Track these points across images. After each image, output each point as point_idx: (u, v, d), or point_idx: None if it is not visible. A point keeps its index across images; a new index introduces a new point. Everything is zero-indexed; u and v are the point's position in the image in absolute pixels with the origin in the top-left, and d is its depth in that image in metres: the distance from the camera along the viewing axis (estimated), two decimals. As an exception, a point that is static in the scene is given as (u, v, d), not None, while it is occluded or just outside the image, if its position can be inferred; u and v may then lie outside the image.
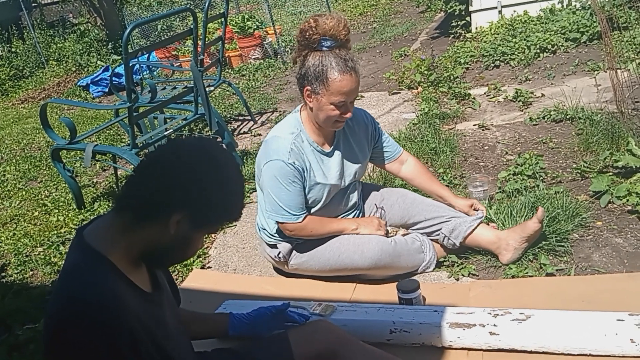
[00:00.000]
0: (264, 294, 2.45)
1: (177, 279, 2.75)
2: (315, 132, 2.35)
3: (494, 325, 1.89)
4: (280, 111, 5.50)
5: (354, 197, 2.52)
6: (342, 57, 2.17)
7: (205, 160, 1.31)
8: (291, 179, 2.26)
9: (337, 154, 2.41)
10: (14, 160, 5.51)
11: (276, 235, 2.43)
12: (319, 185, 2.34)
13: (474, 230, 2.40)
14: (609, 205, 2.66)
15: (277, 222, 2.34)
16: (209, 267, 2.87)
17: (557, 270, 2.29)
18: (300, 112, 2.38)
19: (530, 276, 2.27)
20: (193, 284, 2.66)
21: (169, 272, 1.66)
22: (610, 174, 2.83)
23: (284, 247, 2.44)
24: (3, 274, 3.20)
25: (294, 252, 2.44)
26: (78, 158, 4.56)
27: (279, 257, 2.47)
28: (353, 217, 2.52)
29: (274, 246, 2.47)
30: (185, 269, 2.83)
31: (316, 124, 2.31)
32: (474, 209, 2.50)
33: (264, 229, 2.47)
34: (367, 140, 2.51)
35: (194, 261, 2.87)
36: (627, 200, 2.60)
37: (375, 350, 1.72)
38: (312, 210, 2.38)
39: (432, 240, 2.49)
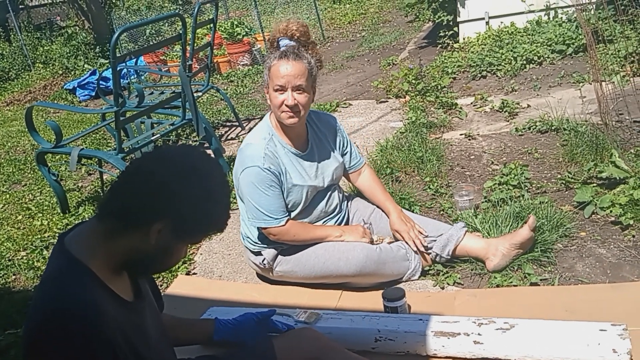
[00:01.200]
0: (250, 301, 2.44)
1: (162, 285, 2.73)
2: (287, 135, 2.38)
3: (479, 334, 1.90)
4: (268, 118, 5.49)
5: (335, 200, 2.53)
6: (287, 48, 2.28)
7: (189, 169, 1.30)
8: (268, 183, 2.28)
9: (313, 155, 2.44)
10: (-3, 163, 5.45)
11: (259, 242, 2.44)
12: (297, 187, 2.36)
13: (461, 240, 2.41)
14: (593, 215, 2.69)
15: (260, 228, 2.35)
16: (194, 274, 2.85)
17: (541, 280, 2.31)
18: (270, 116, 2.42)
19: (514, 286, 2.29)
20: (178, 290, 2.65)
21: (152, 278, 1.65)
22: (594, 185, 2.86)
23: (269, 253, 2.44)
24: (-15, 278, 3.16)
25: (279, 259, 2.44)
26: (63, 162, 4.53)
27: (264, 264, 2.47)
28: (337, 222, 2.53)
29: (258, 253, 2.47)
30: (170, 275, 2.81)
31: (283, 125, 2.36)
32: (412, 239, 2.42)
33: (248, 237, 2.47)
34: (337, 144, 2.55)
35: (179, 267, 2.86)
36: (611, 211, 2.63)
37: (360, 358, 1.72)
38: (294, 213, 2.39)
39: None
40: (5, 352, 2.40)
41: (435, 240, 2.45)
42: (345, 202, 2.64)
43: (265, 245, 2.44)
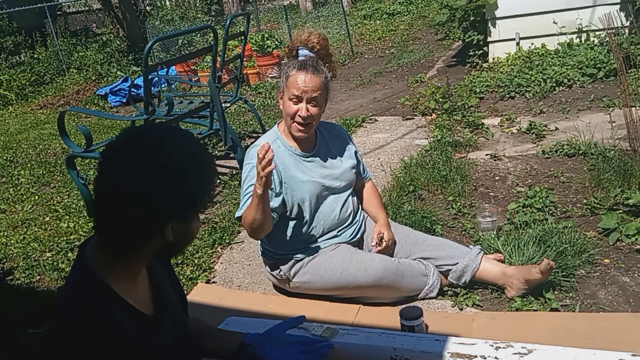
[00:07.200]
0: (267, 312, 2.45)
1: (181, 292, 2.76)
2: (294, 140, 2.45)
3: (496, 357, 1.87)
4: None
5: (350, 206, 2.54)
6: (307, 60, 2.33)
7: (152, 174, 1.21)
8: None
9: (319, 156, 2.49)
10: (29, 165, 5.58)
11: (275, 254, 2.48)
12: (300, 182, 2.39)
13: (477, 270, 2.40)
14: (618, 243, 2.65)
15: (237, 218, 2.38)
16: (214, 282, 2.88)
17: (562, 305, 2.28)
18: (278, 124, 2.50)
19: (534, 310, 2.27)
20: (197, 298, 2.67)
21: (178, 283, 1.62)
22: (621, 211, 2.82)
23: (285, 265, 2.47)
24: (10, 277, 3.23)
25: (296, 270, 2.46)
26: (92, 166, 4.62)
27: (280, 276, 2.50)
28: (354, 232, 2.54)
29: (274, 266, 2.51)
30: (190, 282, 2.84)
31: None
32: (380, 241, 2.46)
33: (264, 250, 2.54)
34: (347, 152, 2.58)
35: (199, 275, 2.89)
36: (636, 239, 2.60)
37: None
38: (306, 213, 2.41)
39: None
40: (28, 351, 2.46)
41: (451, 269, 2.44)
42: (362, 213, 2.65)
43: (281, 257, 2.47)
